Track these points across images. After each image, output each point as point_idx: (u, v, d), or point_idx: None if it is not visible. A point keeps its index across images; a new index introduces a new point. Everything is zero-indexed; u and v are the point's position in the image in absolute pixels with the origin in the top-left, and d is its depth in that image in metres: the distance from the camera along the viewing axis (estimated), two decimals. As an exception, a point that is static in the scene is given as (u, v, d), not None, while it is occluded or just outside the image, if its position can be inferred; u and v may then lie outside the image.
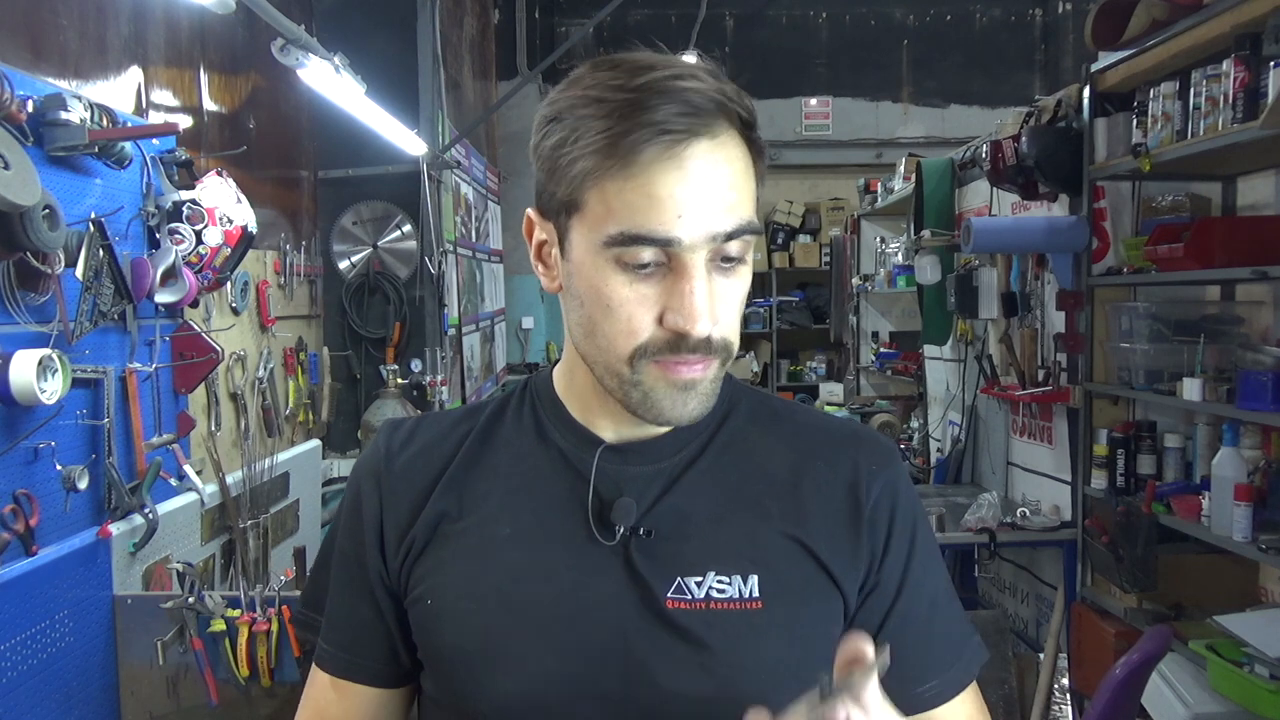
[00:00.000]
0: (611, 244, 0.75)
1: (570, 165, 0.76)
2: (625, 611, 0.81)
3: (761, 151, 0.80)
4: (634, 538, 0.82)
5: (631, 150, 0.73)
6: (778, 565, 0.83)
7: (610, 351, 0.79)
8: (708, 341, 0.77)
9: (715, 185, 0.74)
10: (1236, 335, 2.68)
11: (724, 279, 0.78)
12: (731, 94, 0.76)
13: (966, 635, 0.91)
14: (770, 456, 0.88)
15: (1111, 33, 2.72)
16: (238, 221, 2.54)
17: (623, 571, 0.82)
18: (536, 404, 0.90)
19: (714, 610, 0.81)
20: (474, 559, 0.84)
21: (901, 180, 5.02)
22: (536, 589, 0.82)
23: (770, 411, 0.92)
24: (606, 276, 0.77)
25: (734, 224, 0.75)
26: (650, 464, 0.86)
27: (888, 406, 5.57)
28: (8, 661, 1.76)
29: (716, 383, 0.80)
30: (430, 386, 3.99)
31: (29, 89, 1.86)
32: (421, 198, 3.97)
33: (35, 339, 1.87)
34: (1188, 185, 3.01)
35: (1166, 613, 2.76)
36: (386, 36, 3.94)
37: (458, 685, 0.83)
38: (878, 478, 0.88)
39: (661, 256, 0.75)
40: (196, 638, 1.98)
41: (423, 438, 0.90)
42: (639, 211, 0.74)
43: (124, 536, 2.11)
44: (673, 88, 0.73)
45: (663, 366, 0.78)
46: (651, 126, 0.72)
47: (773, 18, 8.03)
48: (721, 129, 0.75)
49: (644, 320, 0.77)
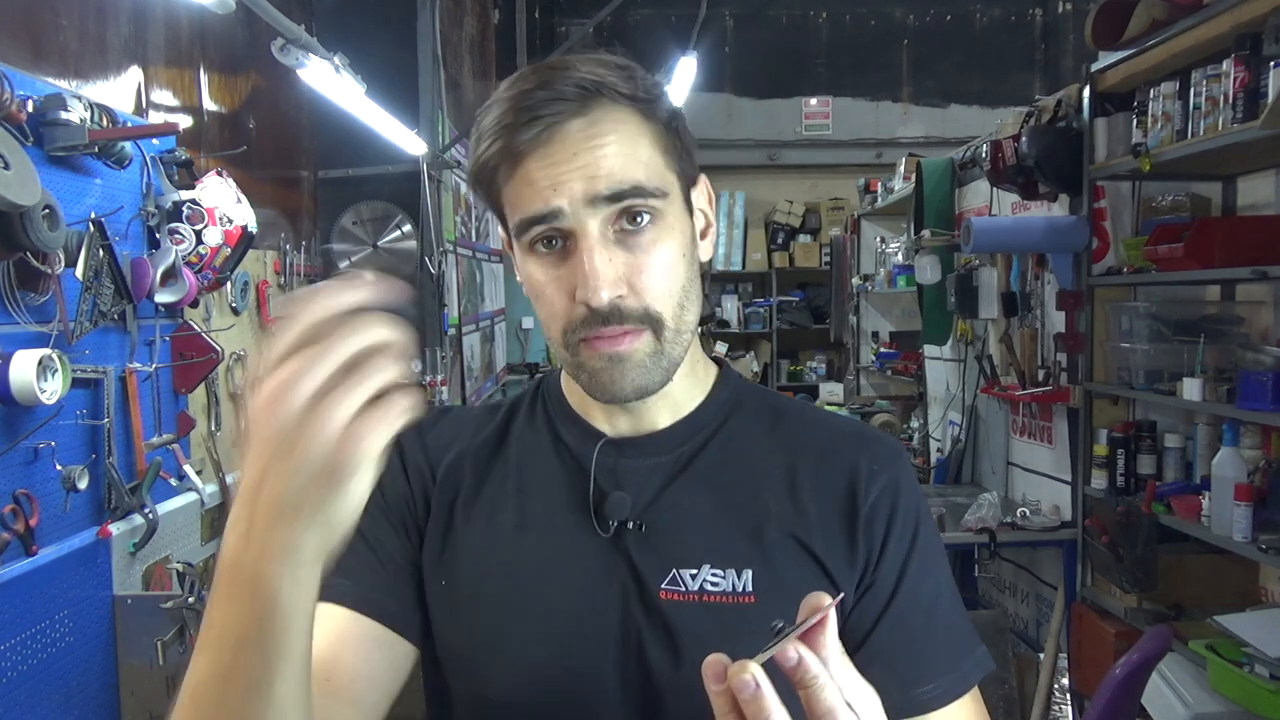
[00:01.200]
0: (518, 234, 0.81)
1: (480, 169, 0.82)
2: (623, 601, 0.83)
3: (663, 122, 0.82)
4: (629, 531, 0.84)
5: (511, 142, 0.78)
6: (773, 561, 0.84)
7: (551, 339, 0.83)
8: (619, 311, 0.78)
9: (589, 154, 0.77)
10: (1236, 335, 2.69)
11: (633, 244, 0.79)
12: (609, 74, 0.79)
13: (969, 643, 0.89)
14: (771, 455, 0.89)
15: (1111, 33, 2.72)
16: (238, 221, 2.54)
17: (621, 562, 0.84)
18: (547, 401, 0.94)
19: (706, 603, 0.83)
20: (484, 546, 0.87)
21: (901, 180, 5.02)
22: (538, 578, 0.85)
23: (775, 410, 0.93)
24: (529, 267, 0.82)
25: (613, 186, 0.77)
26: (649, 458, 0.88)
27: (888, 406, 5.57)
28: (8, 661, 1.76)
29: (659, 357, 0.81)
30: (430, 386, 3.99)
31: (29, 89, 1.86)
32: (421, 197, 3.97)
33: (35, 339, 1.87)
34: (1188, 185, 3.02)
35: (1166, 613, 2.77)
36: (386, 36, 3.93)
37: (469, 668, 0.86)
38: (878, 478, 0.88)
39: (559, 235, 0.79)
40: (196, 638, 1.98)
41: (448, 426, 0.94)
42: (524, 197, 0.79)
43: (124, 536, 2.11)
44: (544, 79, 0.78)
45: (590, 344, 0.80)
46: (522, 114, 0.77)
47: (773, 18, 8.03)
48: (595, 107, 0.78)
49: (561, 301, 0.80)
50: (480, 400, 5.20)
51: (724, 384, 0.93)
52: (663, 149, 0.82)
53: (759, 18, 8.01)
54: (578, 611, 0.83)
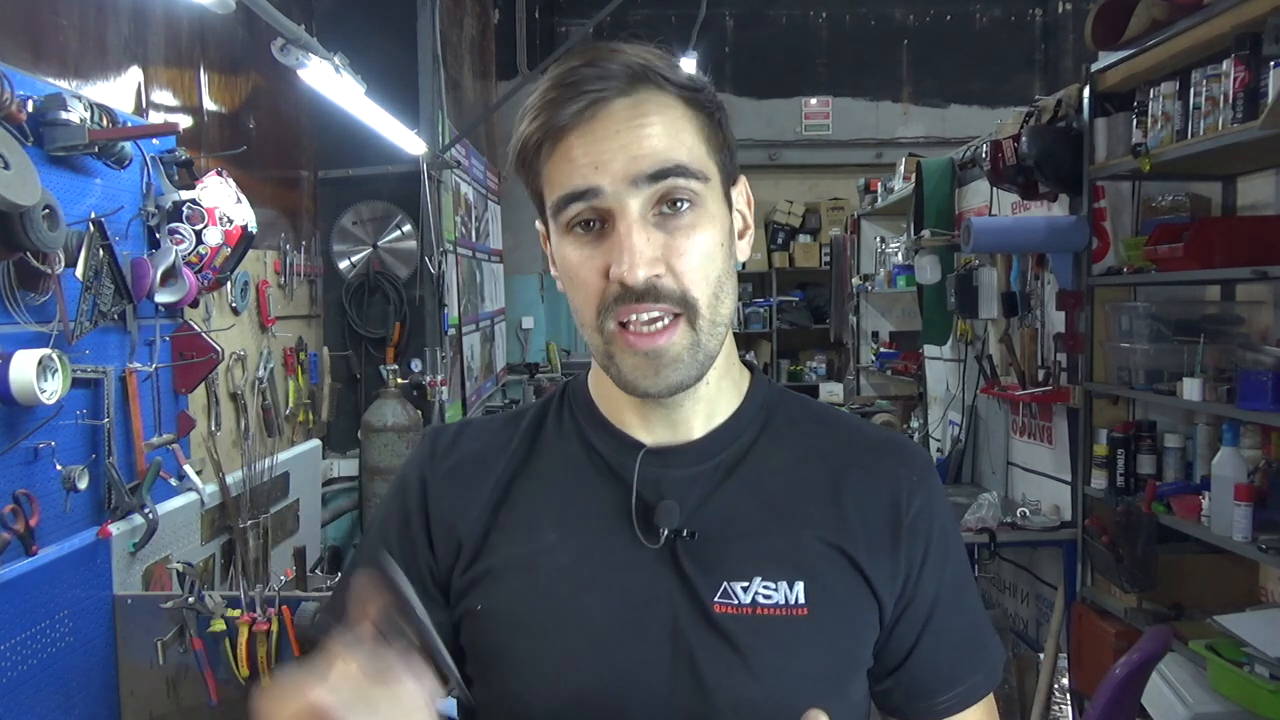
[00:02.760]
0: (555, 213, 0.80)
1: (523, 149, 0.81)
2: (673, 615, 0.81)
3: (709, 113, 0.82)
4: (679, 540, 0.82)
5: (554, 117, 0.77)
6: (821, 572, 0.83)
7: (584, 324, 0.81)
8: (655, 289, 0.77)
9: (632, 133, 0.77)
10: (1236, 335, 2.68)
11: (673, 226, 0.78)
12: (656, 60, 0.79)
13: (993, 638, 0.92)
14: (812, 463, 0.88)
15: (1111, 33, 2.72)
16: (238, 221, 2.54)
17: (670, 574, 0.82)
18: (574, 408, 0.91)
19: (760, 616, 0.81)
20: (523, 566, 0.84)
21: (901, 180, 5.01)
22: (585, 594, 0.82)
23: (811, 416, 0.92)
24: (564, 248, 0.81)
25: (656, 165, 0.77)
26: (691, 467, 0.85)
27: (888, 406, 5.57)
28: (8, 661, 1.76)
29: (695, 350, 0.79)
30: (430, 386, 3.99)
31: (29, 89, 1.86)
32: (421, 197, 3.97)
33: (35, 339, 1.87)
34: (1188, 185, 3.01)
35: (1166, 613, 2.76)
36: (386, 36, 3.94)
37: (510, 689, 0.83)
38: (919, 490, 0.88)
39: (598, 214, 0.78)
40: (196, 638, 1.98)
41: (467, 445, 0.91)
42: (564, 174, 0.78)
43: (124, 536, 2.11)
44: (592, 58, 0.78)
45: (624, 335, 0.78)
46: (567, 89, 0.77)
47: (773, 18, 8.03)
48: (641, 90, 0.78)
49: (595, 279, 0.79)
50: (480, 400, 5.19)
51: (757, 389, 0.91)
52: (706, 138, 0.81)
53: (759, 18, 8.01)
54: (623, 627, 0.81)
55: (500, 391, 5.94)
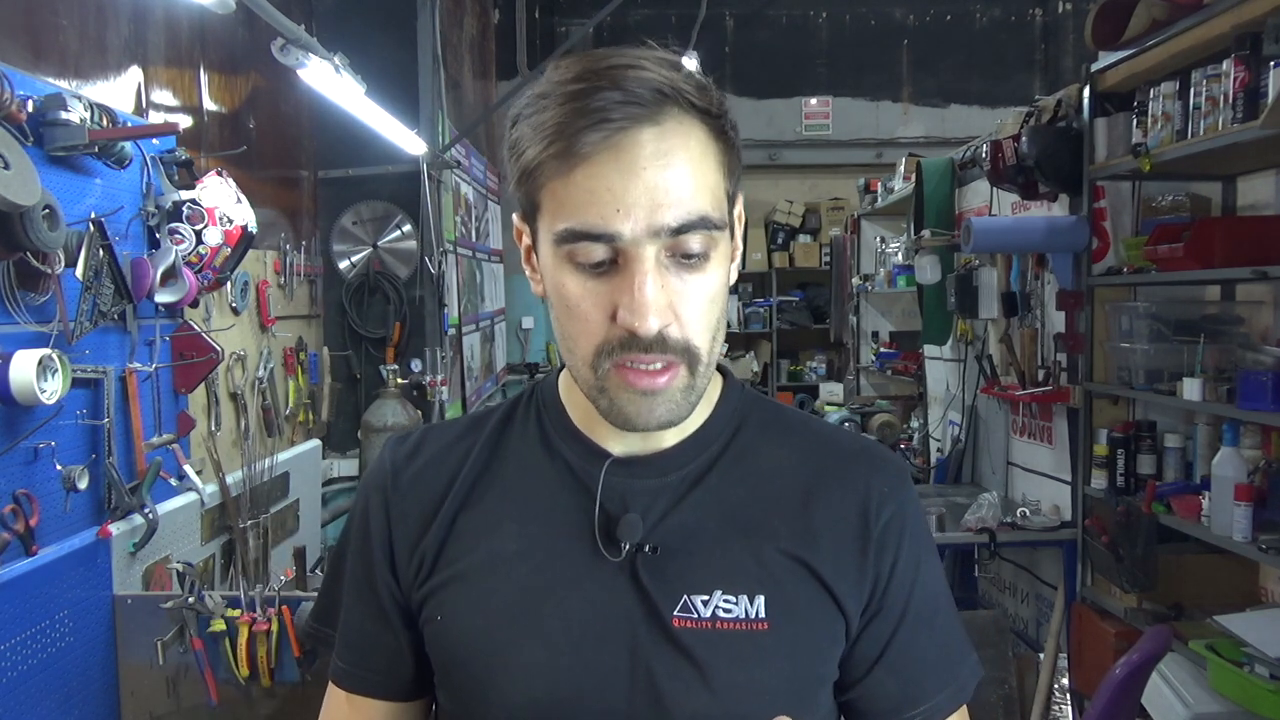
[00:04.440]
0: (561, 241, 0.75)
1: (526, 164, 0.76)
2: (632, 629, 0.80)
3: (729, 139, 0.78)
4: (640, 554, 0.81)
5: (573, 143, 0.72)
6: (783, 586, 0.82)
7: (575, 353, 0.78)
8: (662, 340, 0.74)
9: (659, 176, 0.72)
10: (1236, 335, 2.69)
11: (685, 276, 0.75)
12: (683, 82, 0.74)
13: (965, 652, 0.90)
14: (780, 473, 0.86)
15: (1111, 33, 2.72)
16: (238, 221, 2.54)
17: (629, 588, 0.81)
18: (542, 413, 0.89)
19: (720, 630, 0.80)
20: (483, 575, 0.83)
21: (901, 180, 5.01)
22: (544, 605, 0.81)
23: (782, 425, 0.90)
24: (563, 275, 0.76)
25: (681, 218, 0.73)
26: (657, 477, 0.84)
27: (888, 406, 5.57)
28: (8, 661, 1.76)
29: (690, 391, 0.78)
30: (430, 386, 3.99)
31: (29, 89, 1.86)
32: (421, 198, 3.97)
33: (35, 339, 1.87)
34: (1188, 185, 3.02)
35: (1166, 613, 2.76)
36: (386, 36, 3.93)
37: (467, 700, 0.83)
38: (889, 500, 0.86)
39: (610, 252, 0.74)
40: (196, 638, 1.98)
41: (429, 451, 0.89)
42: (581, 207, 0.73)
43: (124, 536, 2.11)
44: (615, 77, 0.72)
45: (622, 373, 0.76)
46: (590, 115, 0.71)
47: (773, 18, 8.03)
48: (668, 117, 0.73)
49: (598, 318, 0.75)
50: (480, 400, 5.19)
51: (729, 395, 0.89)
52: (726, 170, 0.78)
53: (759, 18, 8.01)
54: (581, 640, 0.80)
55: (501, 391, 5.94)
